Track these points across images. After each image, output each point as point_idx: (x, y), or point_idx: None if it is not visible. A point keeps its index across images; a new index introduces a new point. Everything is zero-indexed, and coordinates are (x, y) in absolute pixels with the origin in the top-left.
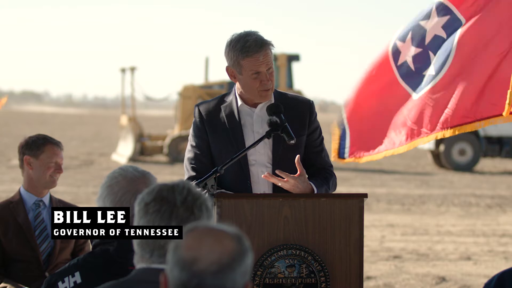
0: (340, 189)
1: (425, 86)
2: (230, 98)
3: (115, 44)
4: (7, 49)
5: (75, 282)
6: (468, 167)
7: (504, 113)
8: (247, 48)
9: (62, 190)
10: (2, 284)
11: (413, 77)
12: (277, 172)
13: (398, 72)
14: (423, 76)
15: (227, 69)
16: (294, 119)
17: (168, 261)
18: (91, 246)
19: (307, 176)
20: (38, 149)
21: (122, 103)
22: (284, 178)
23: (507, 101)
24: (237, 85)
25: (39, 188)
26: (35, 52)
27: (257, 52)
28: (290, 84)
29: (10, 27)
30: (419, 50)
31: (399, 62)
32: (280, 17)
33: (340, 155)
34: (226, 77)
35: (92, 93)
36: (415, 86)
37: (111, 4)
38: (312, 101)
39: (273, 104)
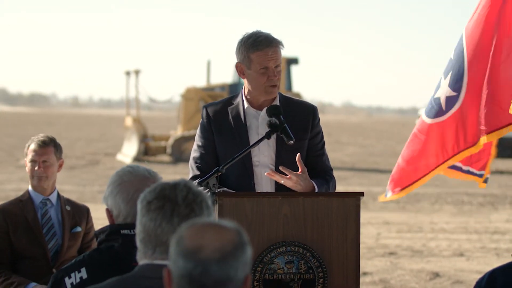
0: (338, 188)
1: (451, 109)
2: (237, 100)
3: (120, 47)
4: (15, 53)
5: (81, 278)
6: None
7: None
8: (257, 43)
9: (68, 189)
10: (11, 280)
11: (429, 103)
12: (280, 168)
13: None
14: (436, 100)
15: (237, 66)
16: (298, 122)
17: (171, 255)
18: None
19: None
20: (27, 150)
21: (127, 105)
22: (287, 175)
23: None
24: (245, 84)
25: (34, 187)
26: (43, 56)
27: (267, 46)
28: (289, 87)
29: (18, 31)
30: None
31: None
32: (279, 21)
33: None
34: (227, 80)
35: (97, 95)
36: (430, 112)
37: (116, 9)
38: (315, 107)
39: (272, 106)
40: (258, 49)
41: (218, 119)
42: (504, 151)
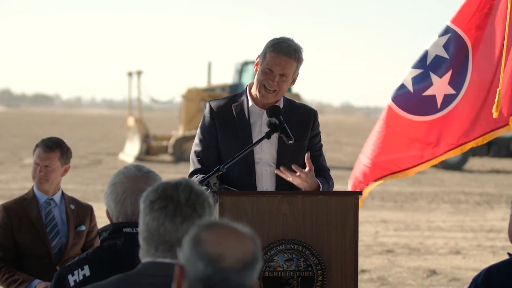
0: (336, 187)
1: (447, 107)
2: (241, 98)
3: (122, 49)
4: (19, 54)
5: (84, 275)
6: (457, 166)
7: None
8: (277, 45)
9: (72, 188)
10: (15, 277)
11: (410, 99)
12: (293, 167)
13: (398, 105)
14: (428, 97)
15: (257, 57)
16: (299, 124)
17: (188, 255)
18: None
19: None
20: (34, 151)
21: (129, 105)
22: (296, 173)
23: (495, 105)
24: (255, 79)
25: (37, 187)
26: (46, 57)
27: (280, 52)
28: (288, 88)
29: (22, 33)
30: (420, 71)
31: (400, 93)
32: (280, 23)
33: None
34: (227, 80)
35: (100, 95)
36: (422, 110)
37: (118, 11)
38: (316, 110)
39: (272, 106)
40: (273, 50)
41: (222, 115)
42: (499, 150)
